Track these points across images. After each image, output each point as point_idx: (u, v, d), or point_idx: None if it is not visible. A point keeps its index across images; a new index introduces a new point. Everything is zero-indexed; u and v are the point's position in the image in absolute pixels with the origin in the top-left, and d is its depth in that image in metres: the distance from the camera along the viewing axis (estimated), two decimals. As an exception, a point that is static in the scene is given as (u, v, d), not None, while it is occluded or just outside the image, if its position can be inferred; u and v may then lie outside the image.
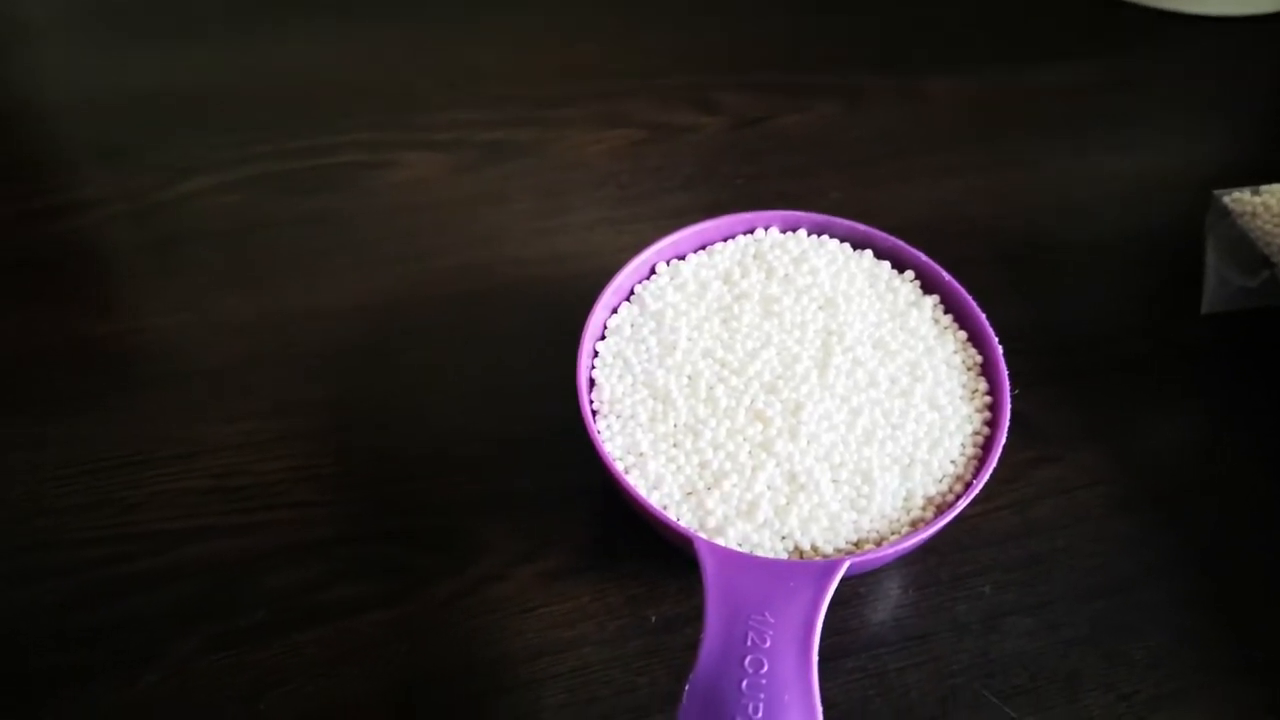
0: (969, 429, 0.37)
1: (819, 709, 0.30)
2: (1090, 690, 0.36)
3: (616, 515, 0.39)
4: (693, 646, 0.34)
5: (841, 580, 0.32)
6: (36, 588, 0.38)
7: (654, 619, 0.37)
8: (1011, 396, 0.37)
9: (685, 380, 0.37)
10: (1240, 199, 0.45)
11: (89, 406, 0.43)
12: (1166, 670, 0.37)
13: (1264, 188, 0.45)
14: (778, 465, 0.35)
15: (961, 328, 0.39)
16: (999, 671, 0.36)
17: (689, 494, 0.35)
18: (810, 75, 0.57)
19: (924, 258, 0.40)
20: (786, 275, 0.39)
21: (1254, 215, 0.44)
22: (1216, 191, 0.46)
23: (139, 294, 0.47)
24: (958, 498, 0.35)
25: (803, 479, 0.34)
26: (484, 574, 0.38)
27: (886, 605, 0.38)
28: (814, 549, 0.34)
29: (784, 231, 0.41)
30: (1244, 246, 0.45)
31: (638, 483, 0.35)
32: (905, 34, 0.60)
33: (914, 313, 0.39)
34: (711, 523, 0.34)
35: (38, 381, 0.43)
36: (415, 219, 0.49)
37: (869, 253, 0.41)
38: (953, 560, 0.39)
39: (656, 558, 0.38)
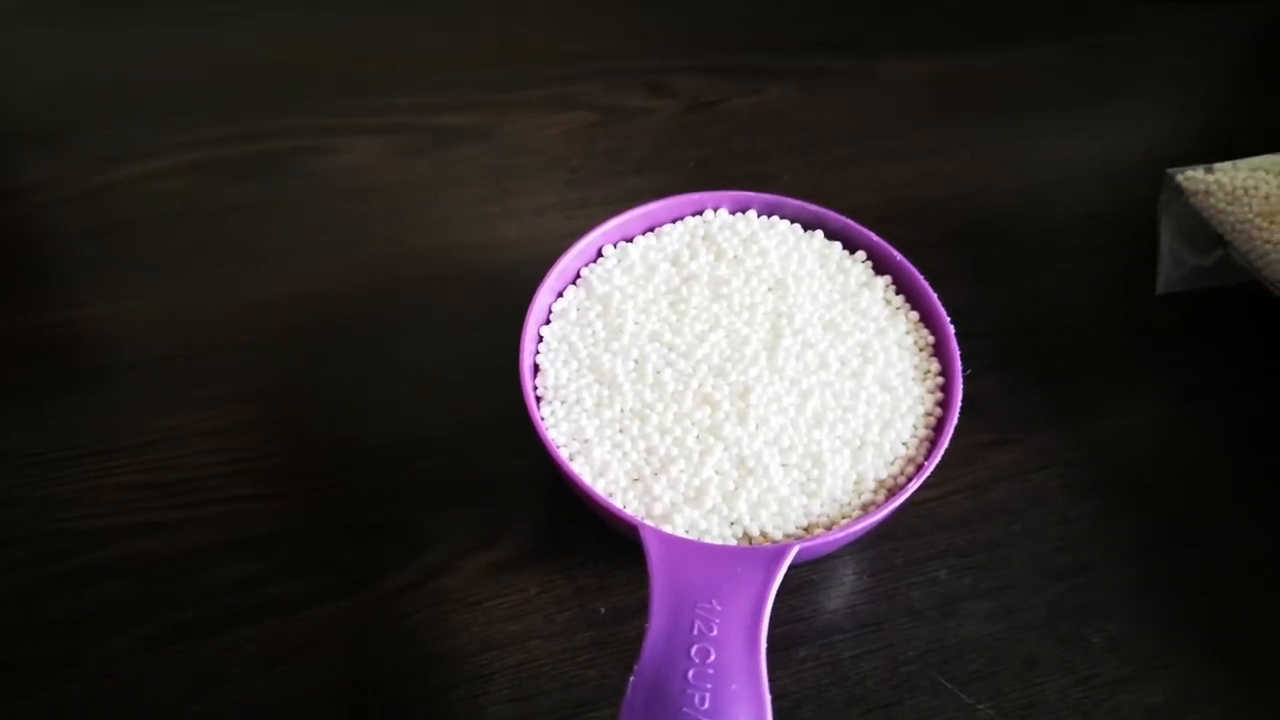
0: (921, 410, 0.36)
1: (767, 698, 0.29)
2: (1048, 674, 0.36)
3: (566, 504, 0.38)
4: (642, 637, 0.33)
5: (794, 567, 0.32)
6: (-39, 588, 0.36)
7: (603, 610, 0.36)
8: (964, 377, 0.36)
9: (632, 364, 0.36)
10: (1193, 178, 0.45)
11: (17, 400, 0.41)
12: (1124, 653, 0.36)
13: (1216, 166, 0.45)
14: (726, 450, 0.34)
15: (914, 308, 0.38)
16: (955, 657, 0.36)
17: (635, 480, 0.34)
18: (763, 57, 0.56)
19: (875, 238, 0.39)
20: (736, 257, 0.39)
21: (1207, 194, 0.44)
22: (1169, 170, 0.46)
23: (72, 283, 0.46)
24: (909, 480, 0.34)
25: (751, 463, 0.34)
26: (430, 566, 0.37)
27: (840, 592, 0.37)
28: (763, 534, 0.33)
29: (733, 213, 0.40)
30: (1197, 226, 0.45)
31: (582, 470, 0.34)
32: (859, 17, 0.59)
33: (865, 294, 0.38)
34: (658, 509, 0.33)
35: (-36, 375, 0.42)
36: (359, 204, 0.48)
37: (820, 234, 0.40)
38: (907, 545, 0.38)
39: (606, 547, 0.37)
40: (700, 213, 0.40)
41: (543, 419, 0.35)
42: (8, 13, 0.57)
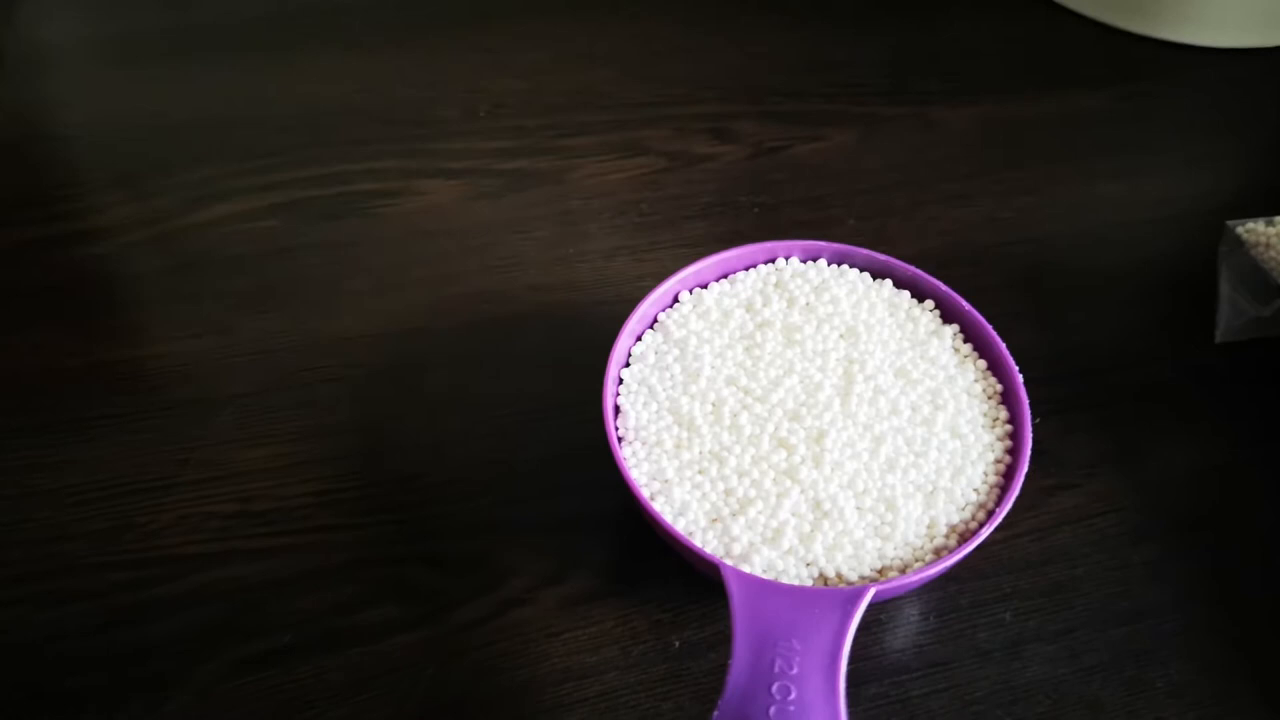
0: (991, 457, 0.37)
1: (847, 735, 0.30)
2: (1113, 717, 0.36)
3: (639, 540, 0.39)
4: (716, 672, 0.35)
5: (872, 600, 0.33)
6: (59, 612, 0.38)
7: (678, 644, 0.38)
8: (1033, 425, 0.37)
9: (710, 407, 0.37)
10: (1254, 230, 0.46)
11: (111, 431, 0.43)
12: (1187, 699, 0.37)
13: (1277, 219, 0.45)
14: (802, 492, 0.35)
15: (981, 356, 0.39)
16: (1021, 699, 0.37)
17: (714, 520, 0.35)
18: (825, 104, 0.57)
19: (943, 287, 0.40)
20: (808, 304, 0.40)
21: (1267, 246, 0.45)
22: (1230, 222, 0.47)
23: (159, 319, 0.47)
24: (981, 525, 0.35)
25: (827, 506, 0.35)
26: (508, 598, 0.39)
27: (908, 632, 0.38)
28: (839, 576, 0.34)
29: (804, 261, 0.42)
30: (1257, 276, 0.46)
31: (663, 509, 0.35)
32: (917, 63, 0.60)
33: (934, 341, 0.39)
34: (737, 549, 0.34)
35: (60, 405, 0.44)
36: (434, 246, 0.50)
37: (889, 282, 0.41)
38: (973, 587, 0.39)
39: (679, 583, 0.39)
40: (772, 260, 0.42)
41: (625, 459, 0.36)
42: (92, 53, 0.59)
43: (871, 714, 0.36)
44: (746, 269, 0.42)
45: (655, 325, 0.40)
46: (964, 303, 0.40)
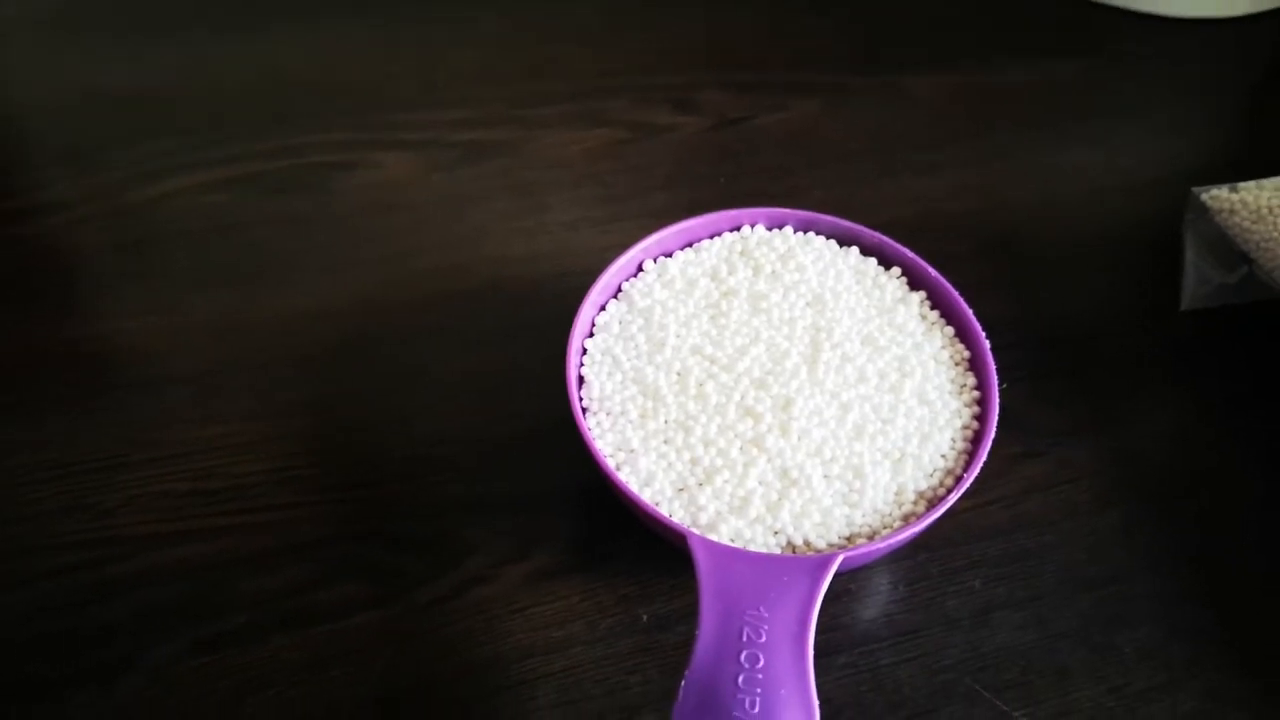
0: (958, 423, 0.37)
1: (815, 703, 0.30)
2: (1081, 683, 0.36)
3: (605, 513, 0.39)
4: (685, 644, 0.34)
5: (836, 573, 0.32)
6: (11, 595, 0.37)
7: (645, 617, 0.37)
8: (1000, 391, 0.37)
9: (675, 377, 0.37)
10: (1218, 196, 0.45)
11: (60, 411, 0.42)
12: (1156, 662, 0.37)
13: (1241, 185, 0.45)
14: (769, 461, 0.34)
15: (949, 323, 0.39)
16: (990, 666, 0.36)
17: (680, 490, 0.35)
18: (790, 74, 0.57)
19: (910, 254, 0.40)
20: (774, 272, 0.39)
21: (1231, 212, 0.45)
22: (1195, 189, 0.46)
23: (111, 297, 0.46)
24: (949, 491, 0.35)
25: (794, 474, 0.34)
26: (471, 575, 0.38)
27: (877, 601, 0.38)
28: (807, 544, 0.34)
29: (770, 228, 0.41)
30: (1222, 243, 0.46)
31: (629, 480, 0.35)
32: (884, 32, 0.60)
33: (901, 309, 0.39)
34: (704, 519, 0.34)
35: (10, 386, 0.42)
36: (391, 219, 0.49)
37: (855, 249, 0.41)
38: (942, 555, 0.39)
39: (647, 556, 0.38)
40: (737, 228, 0.41)
41: (589, 429, 0.36)
42: (40, 27, 0.58)
43: (840, 683, 0.36)
44: (711, 237, 0.41)
45: (619, 295, 0.39)
46: (931, 269, 0.40)
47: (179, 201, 0.49)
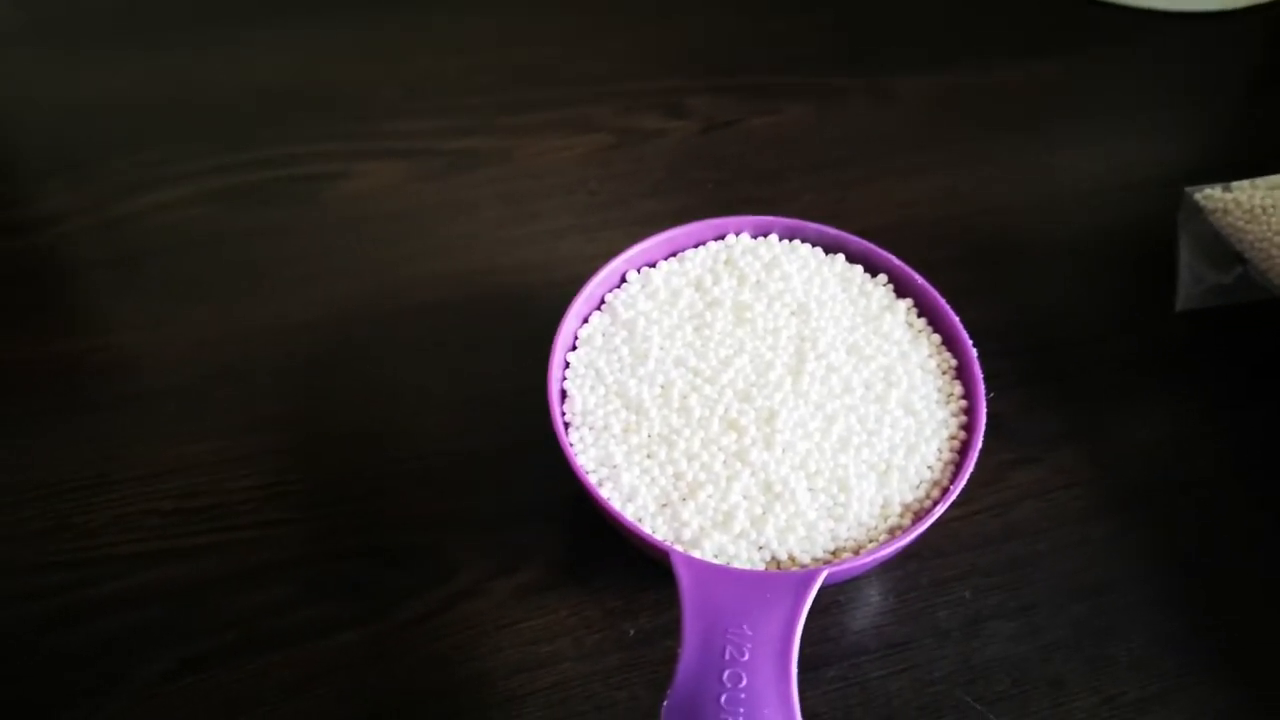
0: (945, 434, 0.36)
1: (800, 722, 0.29)
2: (1074, 694, 0.36)
3: (592, 527, 0.39)
4: (671, 659, 0.34)
5: (821, 588, 0.32)
6: (-5, 616, 0.37)
7: (632, 632, 0.37)
8: (987, 400, 0.36)
9: (658, 390, 0.36)
10: (1212, 196, 0.45)
11: (46, 428, 0.42)
12: (1149, 672, 0.36)
13: (1234, 184, 0.45)
14: (753, 475, 0.34)
15: (936, 331, 0.39)
16: (981, 678, 0.36)
17: (664, 505, 0.34)
18: (779, 77, 0.56)
19: (896, 261, 0.40)
20: (758, 281, 0.39)
21: (1225, 212, 0.44)
22: (1188, 189, 0.46)
23: (97, 311, 0.46)
24: (935, 503, 0.34)
25: (778, 488, 0.34)
26: (458, 590, 0.38)
27: (867, 613, 0.38)
28: (791, 559, 0.33)
29: (755, 237, 0.41)
30: (1216, 243, 0.45)
31: (612, 496, 0.34)
32: (873, 33, 0.59)
33: (887, 317, 0.38)
34: (687, 534, 0.33)
35: (-6, 402, 0.42)
36: (379, 229, 0.48)
37: (841, 257, 0.40)
38: (933, 565, 0.39)
39: (633, 570, 0.38)
40: (722, 237, 0.41)
41: (571, 445, 0.35)
42: (20, 38, 0.57)
43: (830, 697, 0.35)
44: (696, 246, 0.41)
45: (603, 306, 0.39)
46: (917, 276, 0.39)
47: (165, 214, 0.49)
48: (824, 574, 0.31)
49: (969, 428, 0.36)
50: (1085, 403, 0.43)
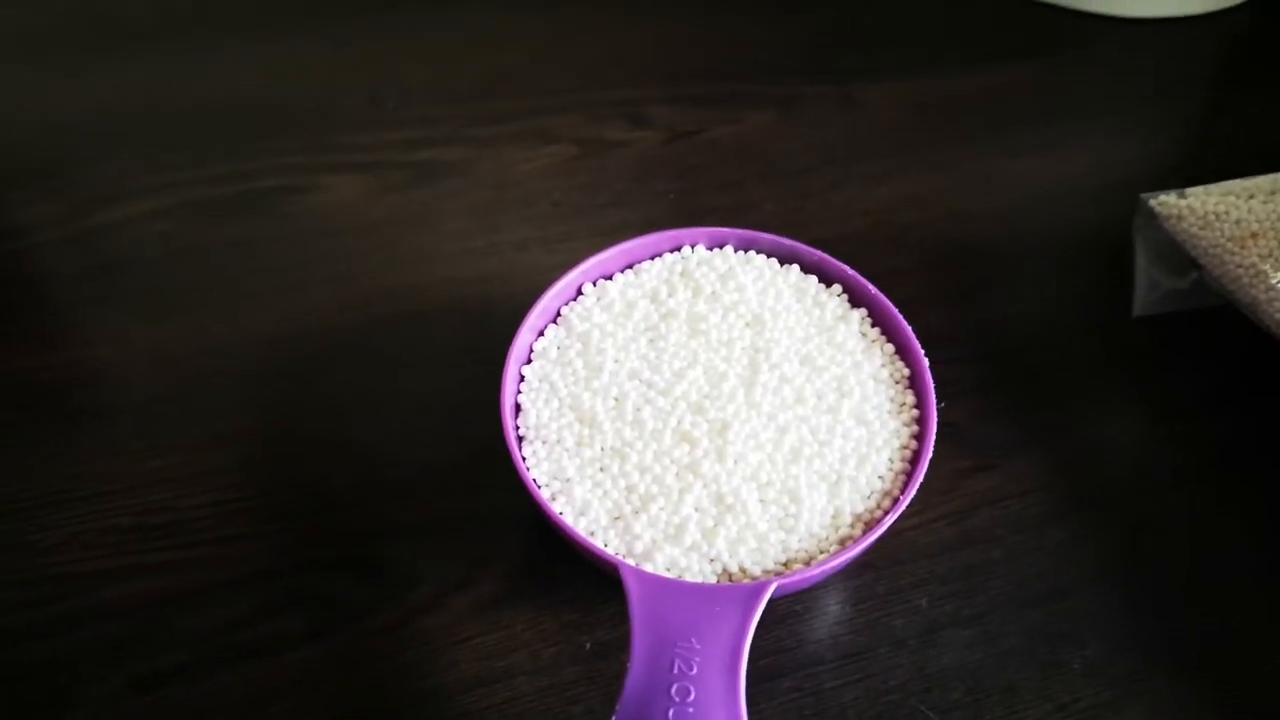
0: (897, 444, 0.36)
1: (747, 735, 0.29)
2: (1028, 702, 0.36)
3: (548, 540, 0.39)
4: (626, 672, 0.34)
5: (776, 598, 0.32)
6: (-50, 636, 0.37)
7: (588, 645, 0.37)
8: (939, 409, 0.36)
9: (612, 402, 0.36)
10: (1166, 202, 0.45)
11: (8, 444, 0.41)
12: (1103, 678, 0.37)
13: (1189, 190, 0.45)
14: (705, 487, 0.34)
15: (889, 340, 0.39)
16: (936, 686, 0.36)
17: (616, 518, 0.34)
18: (740, 85, 0.56)
19: (850, 271, 0.40)
20: (713, 292, 0.39)
21: (1180, 218, 0.45)
22: (1143, 195, 0.46)
23: (57, 325, 0.46)
24: (885, 513, 0.34)
25: (730, 500, 0.34)
26: (415, 604, 0.38)
27: (823, 622, 0.38)
28: (743, 571, 0.33)
29: (711, 248, 0.41)
30: (1172, 249, 0.45)
31: (564, 509, 0.34)
32: (836, 41, 0.59)
33: (841, 327, 0.39)
34: (639, 547, 0.33)
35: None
36: (343, 242, 0.48)
37: (796, 267, 0.40)
38: (889, 574, 0.39)
39: (591, 582, 0.38)
40: (678, 249, 0.41)
41: (524, 459, 0.35)
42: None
43: (784, 708, 0.36)
44: (652, 258, 0.41)
45: (558, 319, 0.39)
46: (871, 287, 0.39)
47: (127, 228, 0.49)
48: (772, 586, 0.31)
49: (920, 437, 0.36)
50: (1042, 409, 0.44)
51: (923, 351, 0.38)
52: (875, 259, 0.42)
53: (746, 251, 0.41)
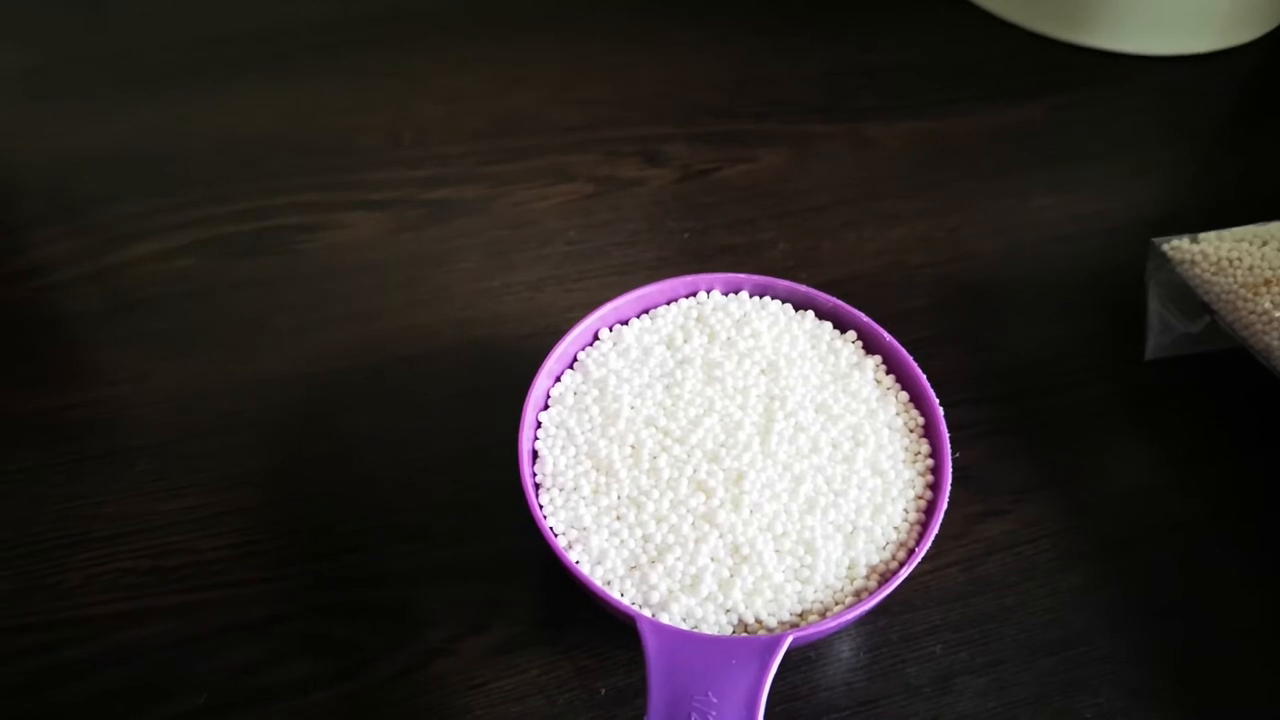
0: (911, 493, 0.36)
1: (763, 791, 0.29)
2: (1041, 751, 0.36)
3: (564, 585, 0.39)
4: (642, 718, 0.34)
5: (791, 648, 0.32)
6: (-33, 680, 0.37)
7: (604, 691, 0.37)
8: (953, 458, 0.37)
9: (628, 450, 0.36)
10: (1179, 247, 0.45)
11: (20, 486, 0.42)
12: (1117, 728, 0.37)
13: (1201, 235, 0.45)
14: (721, 537, 0.34)
15: (904, 388, 0.39)
16: (950, 735, 0.36)
17: (633, 569, 0.34)
18: (755, 124, 0.57)
19: (865, 318, 0.40)
20: (729, 339, 0.39)
21: (1192, 263, 0.45)
22: (1155, 239, 0.46)
23: (76, 365, 0.46)
24: (901, 565, 0.34)
25: (745, 550, 0.34)
26: (431, 648, 0.38)
27: (838, 669, 0.38)
28: (758, 622, 0.34)
29: (726, 294, 0.41)
30: (1185, 293, 0.46)
31: (581, 559, 0.35)
32: (850, 80, 0.60)
33: (856, 375, 0.39)
34: (655, 598, 0.34)
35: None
36: (357, 281, 0.49)
37: (810, 314, 0.41)
38: (903, 620, 0.39)
39: (606, 627, 0.38)
40: (694, 294, 0.41)
41: (541, 507, 0.36)
42: (14, 90, 0.58)
43: (799, 757, 0.36)
44: (668, 303, 0.41)
45: (575, 364, 0.39)
46: (885, 333, 0.39)
47: (145, 267, 0.49)
48: (789, 640, 0.32)
49: (935, 487, 0.36)
50: (1055, 452, 0.44)
51: (937, 400, 0.38)
52: (887, 300, 0.43)
53: (761, 297, 0.41)
